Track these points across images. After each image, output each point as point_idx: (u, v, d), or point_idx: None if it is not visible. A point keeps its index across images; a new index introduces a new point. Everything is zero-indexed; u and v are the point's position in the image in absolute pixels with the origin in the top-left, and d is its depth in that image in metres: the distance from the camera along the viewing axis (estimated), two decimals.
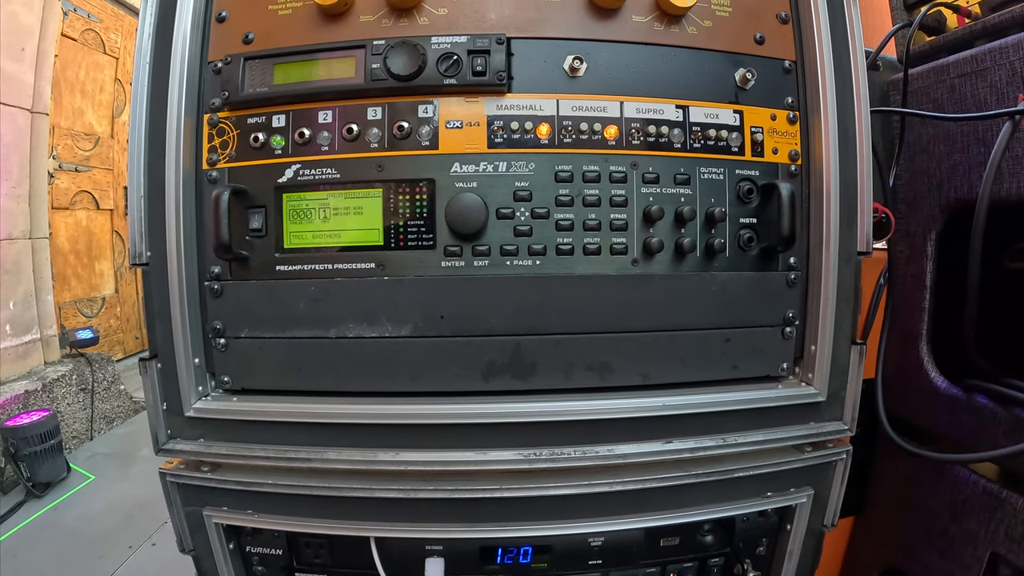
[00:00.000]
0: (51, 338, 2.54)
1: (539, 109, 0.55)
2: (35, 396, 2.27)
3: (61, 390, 2.42)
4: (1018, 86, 0.68)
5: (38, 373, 2.41)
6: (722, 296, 0.57)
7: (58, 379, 2.41)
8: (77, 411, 2.48)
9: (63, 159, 2.80)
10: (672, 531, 0.62)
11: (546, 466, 0.55)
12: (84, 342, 2.63)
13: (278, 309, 0.57)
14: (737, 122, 0.58)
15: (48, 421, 2.10)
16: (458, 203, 0.53)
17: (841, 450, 0.62)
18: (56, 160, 2.72)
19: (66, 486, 2.11)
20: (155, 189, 0.56)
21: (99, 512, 1.90)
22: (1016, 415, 0.68)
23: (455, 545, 0.59)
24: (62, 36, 2.69)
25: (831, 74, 0.58)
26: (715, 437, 0.57)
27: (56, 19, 2.57)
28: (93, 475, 2.18)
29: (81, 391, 2.52)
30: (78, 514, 1.91)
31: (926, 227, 0.78)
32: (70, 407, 2.45)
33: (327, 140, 0.56)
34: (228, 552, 0.61)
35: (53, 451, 2.09)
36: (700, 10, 0.58)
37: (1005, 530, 0.70)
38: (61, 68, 2.71)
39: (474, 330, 0.55)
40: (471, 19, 0.55)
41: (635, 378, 0.57)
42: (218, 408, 0.58)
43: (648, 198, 0.56)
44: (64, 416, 2.38)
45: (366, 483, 0.57)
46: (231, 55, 0.57)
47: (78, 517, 1.89)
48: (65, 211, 2.85)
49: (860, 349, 0.60)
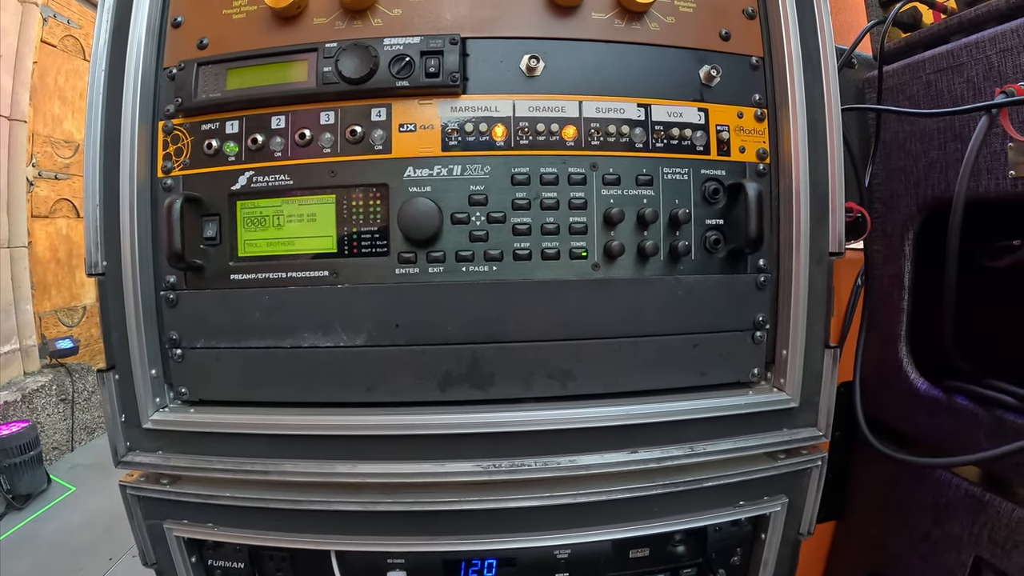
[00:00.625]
0: (31, 348, 2.44)
1: (495, 110, 0.51)
2: (15, 407, 2.18)
3: (41, 401, 2.32)
4: (995, 81, 0.64)
5: (18, 384, 2.30)
6: (688, 300, 0.53)
7: (38, 390, 2.31)
8: (57, 422, 2.39)
9: (43, 167, 2.71)
10: (641, 542, 0.58)
11: (506, 478, 0.51)
12: (65, 352, 2.53)
13: (233, 319, 0.54)
14: (702, 120, 0.54)
15: (28, 432, 2.02)
16: (410, 208, 0.49)
17: (816, 456, 0.58)
18: (36, 168, 2.63)
19: (46, 498, 2.03)
20: (110, 198, 0.53)
21: (79, 524, 1.84)
22: (997, 417, 0.64)
23: (417, 559, 0.55)
24: (42, 42, 2.59)
25: (799, 70, 0.54)
26: (683, 446, 0.54)
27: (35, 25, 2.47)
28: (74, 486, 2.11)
29: (61, 401, 2.43)
30: (58, 526, 1.85)
31: (903, 226, 0.74)
32: (50, 418, 2.35)
33: (280, 146, 0.52)
34: (190, 566, 0.57)
35: (33, 462, 2.01)
36: (663, 6, 0.54)
37: (989, 534, 0.66)
38: (40, 75, 2.60)
39: (430, 339, 0.51)
40: (426, 20, 0.52)
41: (598, 386, 0.53)
42: (176, 420, 0.54)
43: (608, 200, 0.52)
44: (44, 427, 2.28)
45: (324, 495, 0.53)
46: (185, 61, 0.54)
47: (58, 529, 1.83)
48: (45, 219, 2.75)
49: (834, 353, 0.56)
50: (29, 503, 1.99)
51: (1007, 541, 0.64)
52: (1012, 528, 0.63)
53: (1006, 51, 0.63)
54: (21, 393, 2.24)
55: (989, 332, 0.72)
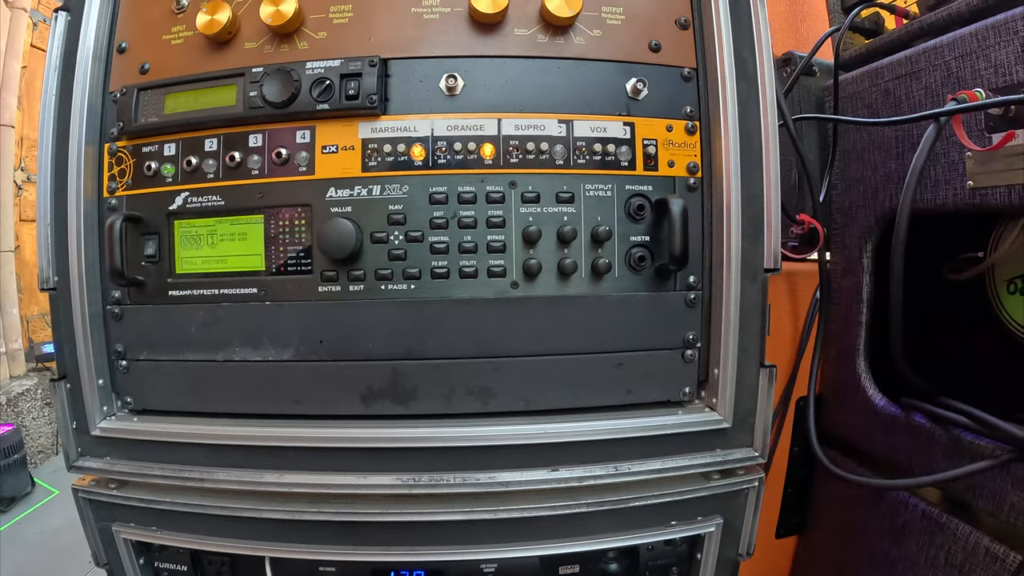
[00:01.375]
0: (16, 352, 2.33)
1: (413, 130, 0.49)
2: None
3: (26, 404, 2.21)
4: (953, 87, 0.59)
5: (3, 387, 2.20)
6: (611, 318, 0.51)
7: (23, 393, 2.20)
8: (42, 425, 2.28)
9: (31, 171, 2.61)
10: (571, 559, 0.55)
11: (426, 492, 0.49)
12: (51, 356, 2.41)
13: (172, 333, 0.54)
14: (627, 135, 0.51)
15: (12, 436, 1.94)
16: (329, 228, 0.48)
17: (753, 477, 0.54)
18: (24, 172, 2.51)
19: (30, 501, 1.96)
20: (61, 216, 0.54)
21: (62, 526, 1.77)
22: (955, 436, 0.59)
23: (348, 567, 0.54)
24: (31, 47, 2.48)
25: (732, 79, 0.51)
26: (607, 465, 0.51)
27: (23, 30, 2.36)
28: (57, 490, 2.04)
29: (46, 405, 2.32)
30: (41, 528, 1.79)
31: (862, 238, 0.69)
32: (35, 421, 2.25)
33: (212, 168, 0.52)
34: (139, 567, 0.58)
35: (17, 466, 1.94)
36: (589, 19, 0.51)
37: (945, 556, 0.61)
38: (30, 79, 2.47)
39: (352, 354, 0.50)
40: (350, 42, 0.51)
41: (518, 403, 0.51)
42: (121, 428, 0.55)
43: (527, 218, 0.49)
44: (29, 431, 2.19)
45: (256, 503, 0.53)
46: (127, 85, 0.54)
47: (41, 531, 1.77)
48: (32, 223, 2.60)
49: (769, 372, 0.52)
50: (13, 506, 1.93)
51: (964, 564, 0.59)
52: (970, 551, 0.58)
53: (964, 56, 0.58)
54: (6, 396, 2.15)
55: (949, 346, 0.67)
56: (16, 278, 2.38)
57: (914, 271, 0.58)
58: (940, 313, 0.67)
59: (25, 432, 2.17)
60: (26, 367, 2.42)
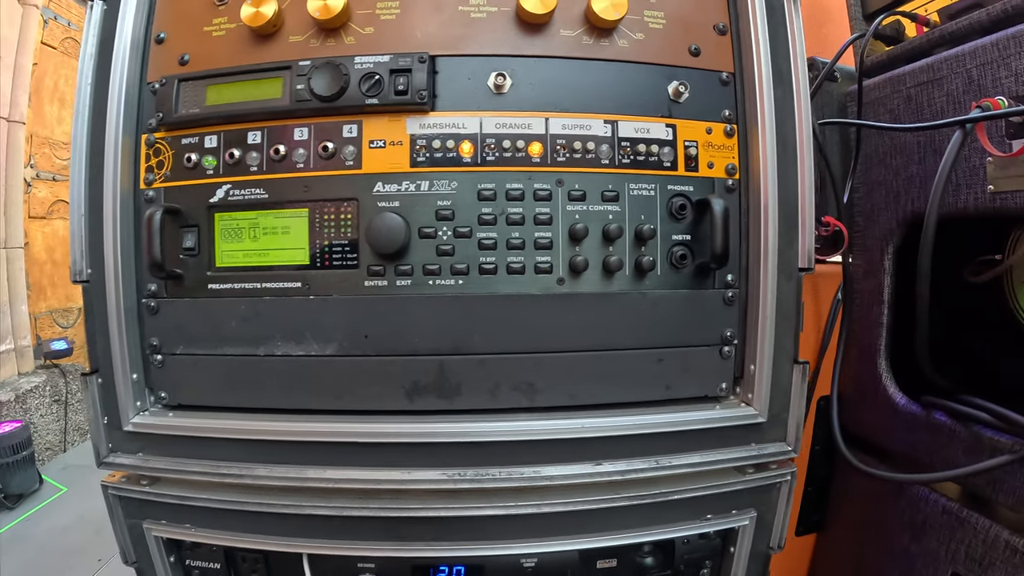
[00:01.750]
0: (25, 348, 2.41)
1: (462, 127, 0.51)
2: (8, 407, 2.16)
3: (34, 401, 2.29)
4: (975, 94, 0.63)
5: (11, 384, 2.28)
6: (653, 315, 0.53)
7: (31, 390, 2.28)
8: (50, 422, 2.36)
9: (40, 168, 2.68)
10: (609, 553, 0.57)
11: (470, 486, 0.51)
12: (59, 353, 2.50)
13: (210, 327, 0.55)
14: (670, 136, 0.54)
15: (20, 432, 2.00)
16: (378, 222, 0.50)
17: (785, 471, 0.57)
18: (33, 169, 2.60)
19: (38, 498, 2.02)
20: (95, 208, 0.55)
21: (70, 524, 1.82)
22: (975, 433, 0.63)
23: (387, 563, 0.55)
24: (42, 44, 2.56)
25: (769, 85, 0.54)
26: (648, 459, 0.53)
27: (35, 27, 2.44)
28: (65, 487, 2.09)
29: (55, 402, 2.40)
30: (49, 526, 1.84)
31: (883, 240, 0.73)
32: (43, 418, 2.33)
33: (256, 160, 0.53)
34: (169, 565, 0.59)
35: (25, 462, 2.00)
36: (632, 23, 0.54)
37: (966, 550, 0.64)
38: (40, 76, 2.57)
39: (397, 349, 0.52)
40: (397, 38, 0.52)
41: (562, 399, 0.53)
42: (155, 423, 0.56)
43: (574, 216, 0.52)
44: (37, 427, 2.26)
45: (296, 500, 0.54)
46: (167, 76, 0.55)
47: (49, 529, 1.82)
48: (42, 220, 2.72)
49: (803, 368, 0.55)
50: (21, 503, 1.98)
51: (984, 557, 0.62)
52: (989, 544, 0.62)
53: (986, 64, 0.62)
54: (15, 393, 2.22)
55: (970, 346, 0.71)
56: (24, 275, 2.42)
57: (934, 272, 0.61)
58: (959, 314, 0.70)
59: (33, 429, 2.19)
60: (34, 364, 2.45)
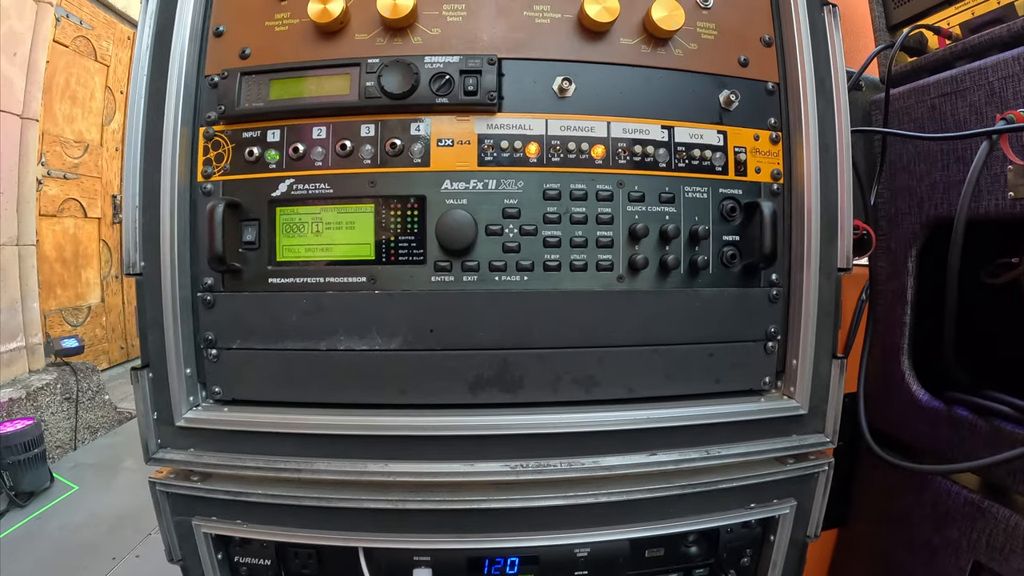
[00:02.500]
0: (36, 346, 2.50)
1: (528, 128, 0.56)
2: (19, 404, 2.23)
3: (45, 399, 2.38)
4: (997, 106, 0.71)
5: (22, 381, 2.36)
6: (705, 312, 0.59)
7: (42, 388, 2.37)
8: (61, 420, 2.45)
9: (52, 166, 2.77)
10: (657, 542, 0.63)
11: (532, 478, 0.56)
12: (69, 351, 2.58)
13: (270, 321, 0.58)
14: (721, 142, 0.60)
15: (32, 430, 2.07)
16: (448, 219, 0.54)
17: (823, 462, 0.64)
18: (45, 167, 2.69)
19: (49, 496, 2.08)
20: (150, 199, 0.58)
21: (82, 523, 1.88)
22: (996, 426, 0.71)
23: (443, 555, 0.60)
24: (54, 42, 2.66)
25: (812, 95, 0.60)
26: (699, 449, 0.59)
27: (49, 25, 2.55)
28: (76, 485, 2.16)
29: (65, 400, 2.48)
30: (61, 524, 1.89)
31: (907, 243, 0.81)
32: (54, 416, 2.41)
33: (321, 155, 0.57)
34: (217, 562, 0.61)
35: (36, 460, 2.07)
36: (686, 33, 0.60)
37: (987, 539, 0.72)
38: (52, 74, 2.67)
39: (462, 344, 0.56)
40: (463, 40, 0.57)
41: (620, 391, 0.58)
42: (209, 418, 0.59)
43: (634, 216, 0.57)
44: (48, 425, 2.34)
45: (355, 494, 0.58)
46: (228, 69, 0.58)
47: (61, 527, 1.87)
48: (52, 218, 2.82)
49: (841, 363, 0.62)
50: (32, 501, 2.04)
51: (1005, 546, 0.70)
52: (1010, 533, 0.69)
53: (1007, 78, 0.70)
54: (26, 391, 2.29)
55: (989, 344, 0.79)
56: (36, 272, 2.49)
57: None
58: (978, 314, 0.79)
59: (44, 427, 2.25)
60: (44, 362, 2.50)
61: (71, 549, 1.74)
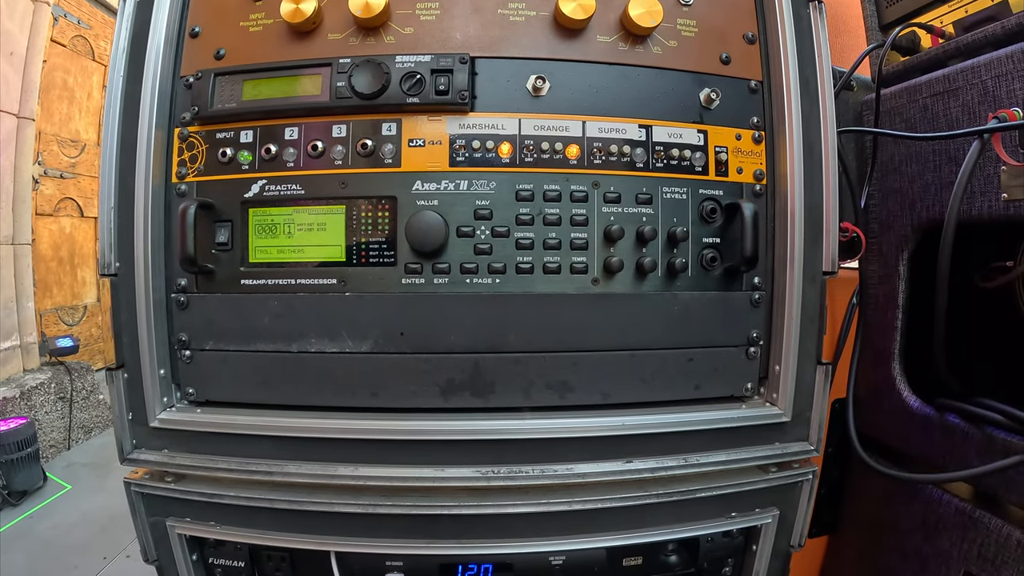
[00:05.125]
0: (31, 345, 2.48)
1: (501, 128, 0.54)
2: (13, 403, 2.21)
3: (39, 398, 2.35)
4: (990, 105, 0.67)
5: (17, 380, 2.34)
6: (684, 316, 0.56)
7: (37, 387, 2.34)
8: (55, 420, 2.42)
9: (48, 165, 2.75)
10: (634, 551, 0.60)
11: (504, 484, 0.53)
12: (64, 350, 2.56)
13: (242, 322, 0.56)
14: (701, 142, 0.57)
15: (25, 429, 2.04)
16: (418, 220, 0.52)
17: (807, 470, 0.60)
18: (42, 166, 2.67)
19: (42, 495, 2.06)
20: (125, 201, 0.56)
21: (74, 522, 1.86)
22: (988, 435, 0.66)
23: (415, 561, 0.57)
24: (51, 42, 2.63)
25: (797, 94, 0.57)
26: (677, 457, 0.56)
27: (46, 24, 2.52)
28: (69, 485, 2.13)
29: (60, 400, 2.46)
30: (53, 523, 1.87)
31: (898, 246, 0.76)
32: (48, 415, 2.38)
33: (293, 156, 0.55)
34: (191, 563, 0.60)
35: (29, 459, 2.04)
36: (666, 30, 0.57)
37: (979, 550, 0.68)
38: (49, 73, 2.65)
39: (433, 347, 0.54)
40: (436, 39, 0.55)
41: (595, 397, 0.55)
42: (182, 419, 0.57)
43: (609, 217, 0.54)
44: (42, 424, 2.32)
45: (327, 497, 0.55)
46: (202, 70, 0.56)
47: (53, 527, 1.85)
48: (49, 217, 2.79)
49: (826, 369, 0.59)
50: (24, 500, 2.02)
51: (997, 556, 0.66)
52: (1002, 544, 0.65)
53: (1000, 76, 0.66)
54: (20, 390, 2.27)
55: (983, 350, 0.75)
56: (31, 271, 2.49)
57: (948, 277, 0.65)
58: (971, 318, 0.74)
59: (38, 426, 2.24)
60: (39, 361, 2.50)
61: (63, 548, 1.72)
